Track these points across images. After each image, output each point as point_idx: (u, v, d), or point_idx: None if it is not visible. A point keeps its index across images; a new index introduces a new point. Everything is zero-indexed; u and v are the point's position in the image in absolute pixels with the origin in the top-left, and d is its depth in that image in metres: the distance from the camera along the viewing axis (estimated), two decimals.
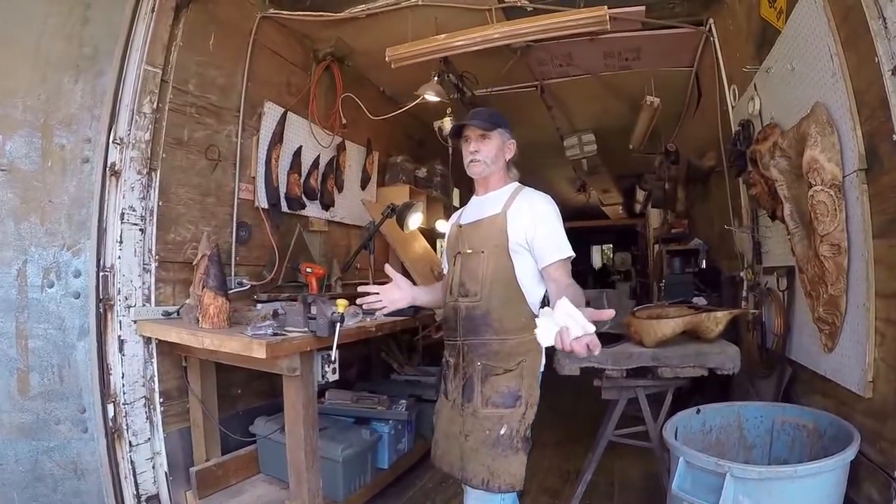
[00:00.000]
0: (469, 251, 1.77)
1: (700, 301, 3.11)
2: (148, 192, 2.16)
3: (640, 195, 6.60)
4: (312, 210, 3.12)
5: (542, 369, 1.76)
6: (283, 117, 2.85)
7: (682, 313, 2.33)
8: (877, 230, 1.56)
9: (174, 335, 1.92)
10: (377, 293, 1.75)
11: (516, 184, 1.85)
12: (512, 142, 1.84)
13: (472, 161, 1.79)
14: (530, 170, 6.56)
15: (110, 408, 1.99)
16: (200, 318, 1.96)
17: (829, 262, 1.72)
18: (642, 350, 2.15)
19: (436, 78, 3.23)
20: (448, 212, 4.35)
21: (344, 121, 3.38)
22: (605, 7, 2.55)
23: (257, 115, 2.77)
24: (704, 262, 3.51)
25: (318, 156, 3.14)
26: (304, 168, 3.01)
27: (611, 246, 12.36)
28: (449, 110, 3.56)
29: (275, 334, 1.79)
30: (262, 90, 2.79)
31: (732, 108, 2.85)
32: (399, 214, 2.73)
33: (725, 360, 2.09)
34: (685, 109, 4.28)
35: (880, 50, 1.44)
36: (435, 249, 3.89)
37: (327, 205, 3.21)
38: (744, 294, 2.86)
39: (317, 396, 1.93)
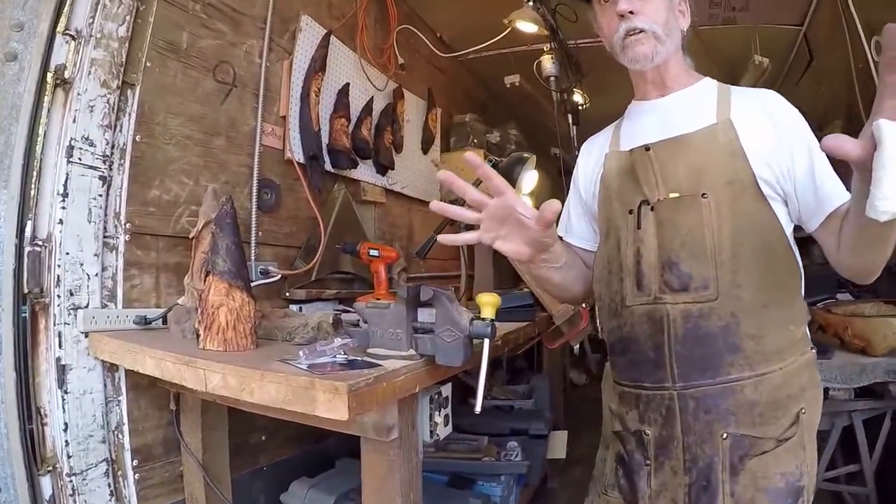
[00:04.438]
0: (673, 195, 0.95)
1: (847, 298, 2.33)
2: (118, 117, 1.31)
3: None
4: (365, 172, 2.24)
5: None
6: (327, 39, 1.99)
7: None
8: None
9: (151, 364, 1.04)
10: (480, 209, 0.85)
11: (711, 80, 1.06)
12: (684, 2, 1.05)
13: (630, 31, 0.96)
14: None
15: (45, 482, 1.14)
16: (203, 332, 1.10)
17: None
18: (875, 361, 1.67)
19: (530, 3, 2.36)
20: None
21: (401, 60, 2.52)
22: None
23: (290, 32, 1.90)
24: None
25: (371, 99, 2.27)
26: (354, 113, 2.14)
27: None
28: (546, 47, 2.68)
29: (347, 363, 0.93)
30: (296, 1, 1.94)
31: (877, 63, 2.03)
32: (504, 171, 1.80)
33: None
34: (784, 75, 3.47)
35: None
36: None
37: (385, 167, 2.32)
38: None
39: None
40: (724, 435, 0.89)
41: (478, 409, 0.90)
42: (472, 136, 3.03)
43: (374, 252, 1.84)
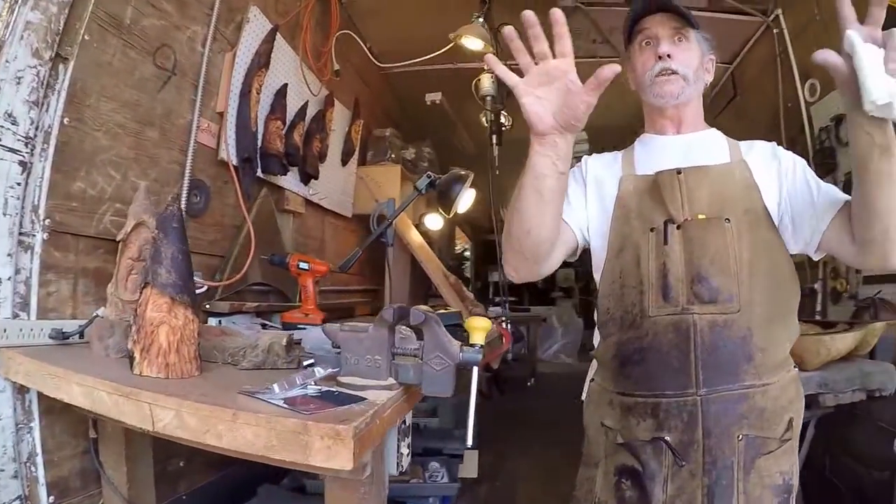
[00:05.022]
0: (701, 216, 1.06)
1: None
2: (46, 94, 1.13)
3: None
4: (290, 181, 2.15)
5: None
6: (273, 35, 1.88)
7: (839, 328, 1.96)
8: None
9: (80, 394, 0.90)
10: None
11: (717, 130, 1.21)
12: (712, 58, 1.20)
13: (663, 72, 1.10)
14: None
15: None
16: (139, 355, 0.97)
17: None
18: (809, 375, 1.78)
19: (480, 19, 2.44)
20: (435, 206, 3.52)
21: (337, 66, 2.46)
22: None
23: (236, 23, 1.78)
24: None
25: (306, 104, 2.19)
26: (288, 117, 2.04)
27: None
28: (486, 67, 2.78)
29: (320, 395, 0.90)
30: None
31: (809, 104, 2.57)
32: (442, 189, 1.83)
33: (886, 380, 1.85)
34: (704, 108, 3.96)
35: None
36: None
37: (309, 176, 2.24)
38: (818, 308, 2.52)
39: None
40: (740, 436, 0.99)
41: (469, 441, 0.92)
42: (390, 151, 3.04)
43: (303, 265, 1.76)
